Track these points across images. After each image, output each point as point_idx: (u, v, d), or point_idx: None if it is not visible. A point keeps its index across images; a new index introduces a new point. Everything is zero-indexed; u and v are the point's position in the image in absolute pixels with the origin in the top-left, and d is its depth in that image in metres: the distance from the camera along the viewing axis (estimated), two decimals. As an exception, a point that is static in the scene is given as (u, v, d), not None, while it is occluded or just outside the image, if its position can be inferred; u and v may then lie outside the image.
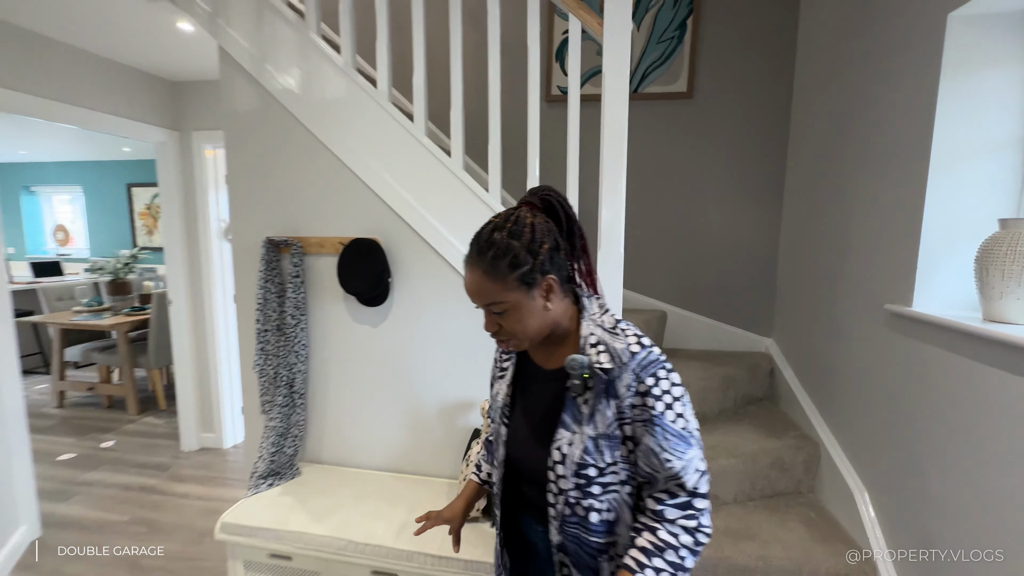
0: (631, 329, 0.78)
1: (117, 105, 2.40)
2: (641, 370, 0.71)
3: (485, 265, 0.72)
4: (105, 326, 3.41)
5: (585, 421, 0.73)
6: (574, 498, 0.73)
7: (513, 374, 0.86)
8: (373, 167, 1.62)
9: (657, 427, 0.69)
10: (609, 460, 0.72)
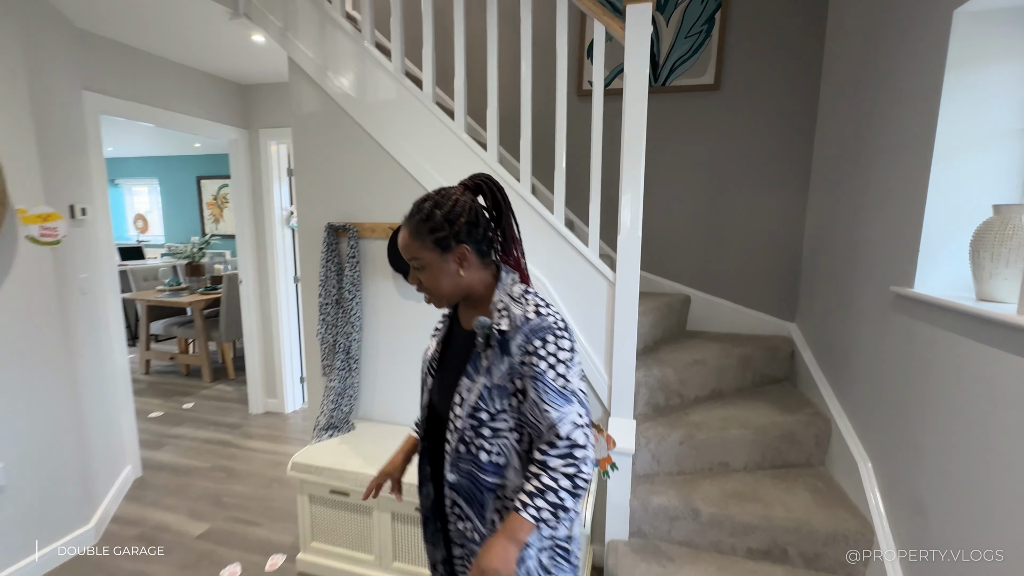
0: (535, 299, 0.88)
1: (198, 107, 2.74)
2: (531, 333, 0.83)
3: (411, 226, 0.87)
4: (183, 303, 3.84)
5: (483, 372, 0.85)
6: (468, 437, 0.87)
7: (444, 333, 0.99)
8: (418, 160, 1.83)
9: (539, 382, 0.81)
10: (499, 407, 0.85)
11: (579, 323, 1.74)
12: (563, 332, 0.85)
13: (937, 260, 1.37)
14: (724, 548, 1.63)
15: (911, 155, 1.43)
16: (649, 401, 1.91)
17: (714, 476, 1.79)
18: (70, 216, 1.95)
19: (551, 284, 1.75)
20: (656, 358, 2.01)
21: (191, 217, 6.54)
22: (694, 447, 1.78)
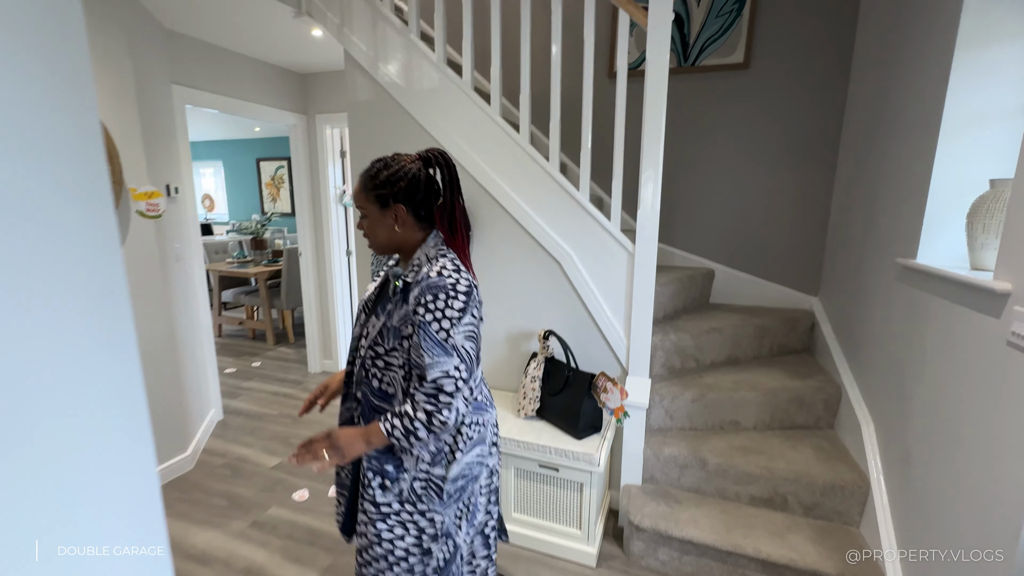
0: (445, 262, 1.00)
1: (264, 96, 3.04)
2: (427, 289, 0.96)
3: (362, 179, 1.03)
4: (249, 274, 4.27)
5: (386, 314, 1.02)
6: (367, 365, 1.06)
7: (381, 280, 1.11)
8: (458, 142, 2.03)
9: (422, 330, 0.95)
10: (391, 346, 1.01)
11: (601, 290, 1.91)
12: (457, 294, 0.95)
13: (939, 233, 1.45)
14: (728, 495, 1.80)
15: (921, 132, 1.50)
16: (666, 364, 2.07)
17: (724, 433, 1.95)
18: (167, 194, 2.30)
19: (576, 255, 1.93)
20: (675, 325, 2.17)
21: (251, 196, 7.06)
22: (705, 405, 1.94)
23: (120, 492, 0.53)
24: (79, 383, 0.48)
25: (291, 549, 1.84)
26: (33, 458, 0.44)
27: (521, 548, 1.83)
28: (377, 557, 1.06)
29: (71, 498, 0.47)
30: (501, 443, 1.77)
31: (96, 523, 0.50)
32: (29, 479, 0.44)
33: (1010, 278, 1.05)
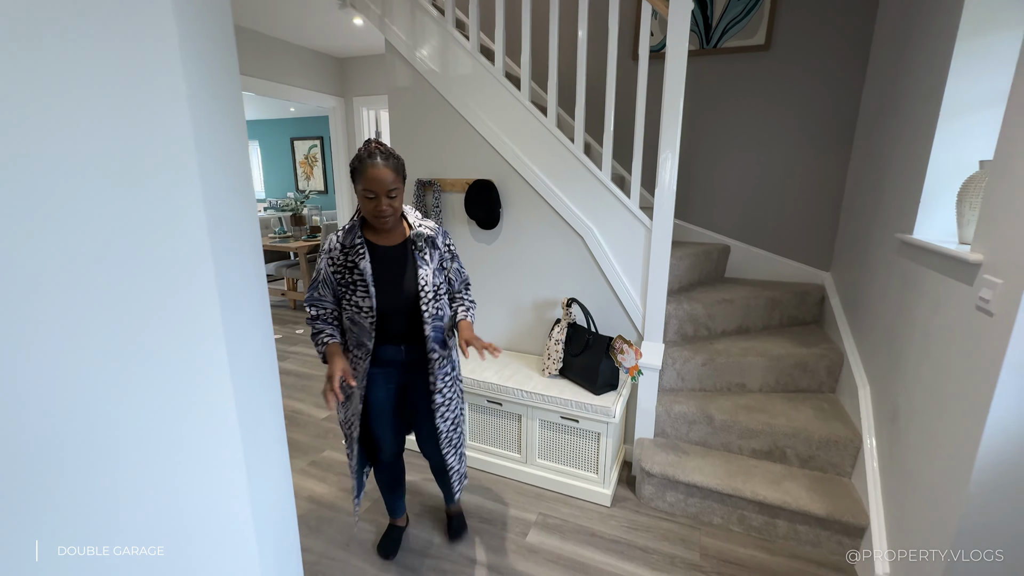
0: (423, 218, 1.46)
1: (306, 80, 3.26)
2: (443, 235, 1.48)
3: (393, 165, 1.30)
4: (290, 248, 4.58)
5: (429, 263, 1.41)
6: (434, 307, 1.41)
7: (368, 258, 1.34)
8: (490, 126, 2.20)
9: (457, 258, 1.53)
10: (440, 281, 1.45)
11: (620, 262, 2.09)
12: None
13: (935, 210, 1.58)
14: (732, 448, 2.00)
15: (923, 114, 1.61)
16: (679, 331, 2.25)
17: (730, 394, 2.13)
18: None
19: (598, 230, 2.10)
20: (688, 296, 2.33)
21: (286, 175, 7.38)
22: (714, 369, 2.12)
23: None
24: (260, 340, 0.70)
25: (344, 484, 2.13)
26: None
27: (544, 489, 2.08)
28: (453, 408, 1.54)
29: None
30: (527, 398, 2.00)
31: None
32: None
33: (983, 250, 1.19)
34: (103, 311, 0.45)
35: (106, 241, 0.45)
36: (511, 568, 1.67)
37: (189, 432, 0.53)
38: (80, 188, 0.42)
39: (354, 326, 1.40)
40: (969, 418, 1.17)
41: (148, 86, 0.46)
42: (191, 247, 0.50)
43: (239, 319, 0.59)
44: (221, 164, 0.56)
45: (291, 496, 0.78)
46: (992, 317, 1.12)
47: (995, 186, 1.19)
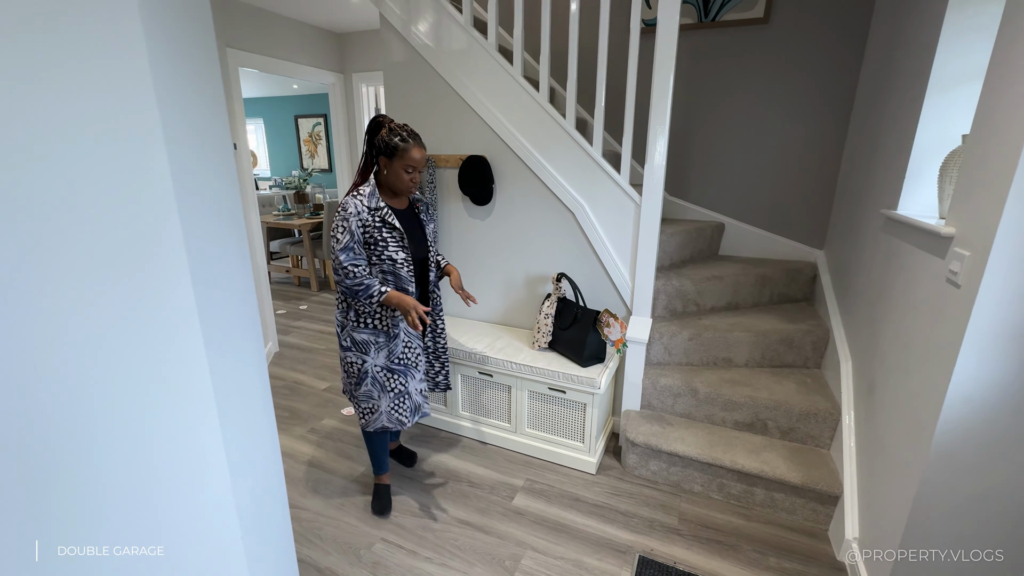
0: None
1: (306, 56, 3.26)
2: (428, 200, 1.96)
3: (422, 144, 1.59)
4: (294, 225, 4.64)
5: (428, 222, 1.76)
6: (434, 253, 1.78)
7: (393, 220, 1.59)
8: (483, 101, 2.21)
9: (436, 219, 1.94)
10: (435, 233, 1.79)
11: (609, 238, 2.12)
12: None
13: (920, 185, 1.58)
14: (715, 420, 2.05)
15: (912, 88, 1.60)
16: (668, 306, 2.28)
17: (716, 368, 2.18)
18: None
19: (588, 206, 2.13)
20: (679, 272, 2.36)
21: (291, 153, 7.39)
22: (701, 343, 2.16)
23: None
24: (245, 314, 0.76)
25: (342, 449, 2.22)
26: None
27: (532, 457, 2.16)
28: (444, 335, 1.92)
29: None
30: (517, 370, 2.06)
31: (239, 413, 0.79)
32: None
33: (956, 224, 1.21)
34: (89, 307, 0.49)
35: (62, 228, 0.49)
36: (496, 528, 1.75)
37: (171, 423, 0.58)
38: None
39: (390, 276, 1.62)
40: (933, 387, 1.20)
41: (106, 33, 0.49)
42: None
43: (215, 302, 0.64)
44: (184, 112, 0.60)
45: (282, 484, 0.84)
46: (959, 289, 1.15)
47: (970, 160, 1.20)
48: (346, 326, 1.66)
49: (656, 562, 1.60)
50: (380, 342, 1.65)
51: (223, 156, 0.73)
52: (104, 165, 0.49)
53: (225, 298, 0.65)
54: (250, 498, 0.72)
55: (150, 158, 0.51)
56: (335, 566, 1.59)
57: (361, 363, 1.66)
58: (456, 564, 1.60)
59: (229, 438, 0.62)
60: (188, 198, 0.58)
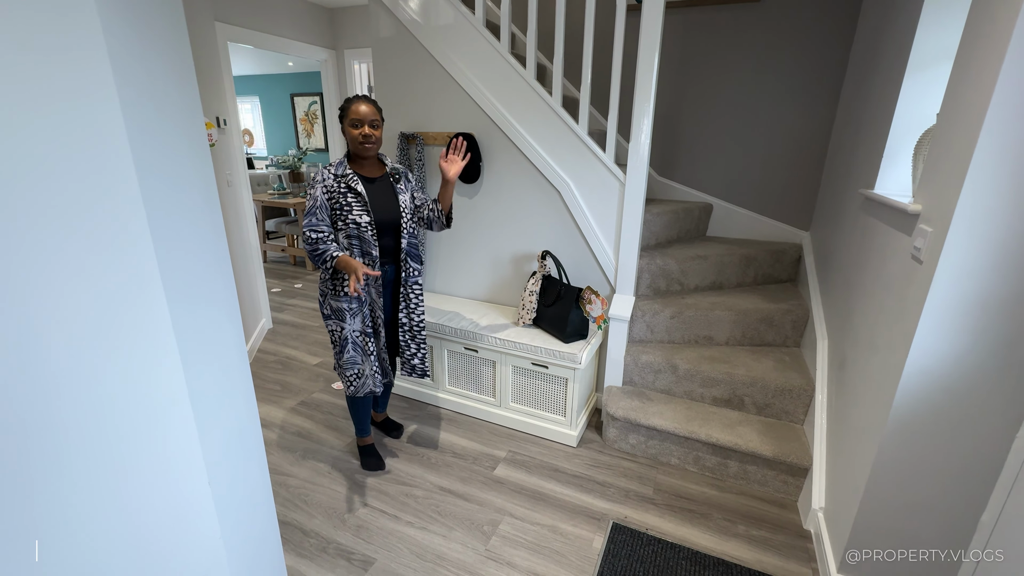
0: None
1: (297, 31, 3.23)
2: (406, 170, 1.83)
3: (373, 103, 1.65)
4: (289, 204, 4.65)
5: (405, 191, 1.76)
6: (411, 225, 1.76)
7: (359, 187, 1.63)
8: (471, 78, 2.21)
9: (420, 187, 1.98)
10: (414, 206, 1.81)
11: (594, 216, 2.14)
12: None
13: (896, 165, 1.59)
14: (694, 396, 2.10)
15: (894, 67, 1.60)
16: (651, 285, 2.31)
17: (697, 346, 2.22)
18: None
19: (574, 184, 2.14)
20: (664, 252, 2.38)
21: (287, 132, 7.34)
22: (683, 321, 2.20)
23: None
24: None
25: (331, 421, 2.28)
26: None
27: (515, 430, 2.21)
28: (421, 313, 1.86)
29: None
30: (501, 345, 2.10)
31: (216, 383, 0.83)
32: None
33: (923, 201, 1.23)
34: (74, 296, 0.52)
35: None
36: (476, 495, 1.81)
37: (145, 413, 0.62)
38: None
39: (355, 240, 1.66)
40: (894, 360, 1.24)
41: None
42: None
43: (176, 251, 0.66)
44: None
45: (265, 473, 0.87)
46: (922, 264, 1.18)
47: (938, 139, 1.21)
48: (327, 295, 1.73)
49: (629, 528, 1.66)
50: (354, 308, 1.71)
51: (188, 119, 0.74)
52: (58, 119, 0.52)
53: (188, 247, 0.68)
54: (220, 449, 0.76)
55: (105, 112, 0.54)
56: (320, 528, 1.66)
57: (340, 330, 1.73)
58: (436, 528, 1.66)
59: (195, 387, 0.66)
60: (148, 163, 0.60)
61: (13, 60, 0.47)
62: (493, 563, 1.53)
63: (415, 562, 1.53)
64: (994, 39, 1.01)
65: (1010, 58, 0.96)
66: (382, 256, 1.74)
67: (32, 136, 0.50)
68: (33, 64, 0.49)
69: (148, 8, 0.63)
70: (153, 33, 0.64)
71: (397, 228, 1.75)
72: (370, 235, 1.66)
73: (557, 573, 1.50)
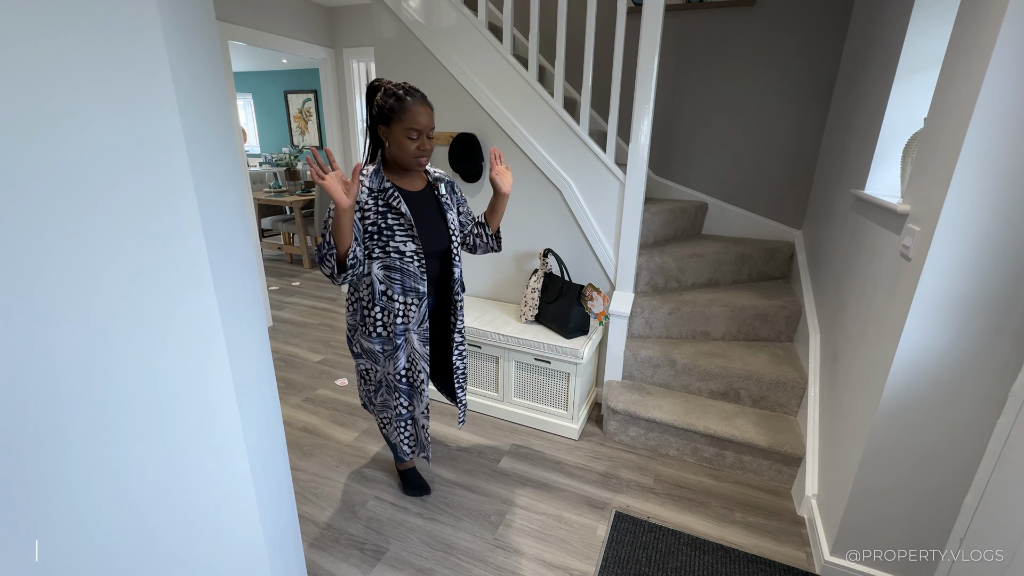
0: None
1: (296, 30, 3.24)
2: (453, 181, 1.53)
3: (431, 106, 1.32)
4: (285, 202, 4.65)
5: (453, 207, 1.50)
6: (456, 247, 1.48)
7: (399, 206, 1.32)
8: (473, 79, 2.25)
9: (467, 201, 1.64)
10: (461, 223, 1.56)
11: (595, 215, 2.19)
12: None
13: (886, 166, 1.66)
14: (692, 390, 2.16)
15: (884, 71, 1.67)
16: (650, 282, 2.38)
17: (694, 341, 2.28)
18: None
19: (575, 184, 2.19)
20: (661, 250, 2.45)
21: (281, 129, 7.31)
22: (680, 317, 2.26)
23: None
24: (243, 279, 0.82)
25: (336, 417, 2.32)
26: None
27: (518, 425, 2.27)
28: (465, 350, 1.66)
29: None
30: (504, 341, 2.15)
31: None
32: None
33: (912, 202, 1.30)
34: (96, 298, 0.56)
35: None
36: (483, 487, 1.87)
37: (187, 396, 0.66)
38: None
39: (396, 273, 1.37)
40: (884, 353, 1.31)
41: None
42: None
43: (223, 257, 0.71)
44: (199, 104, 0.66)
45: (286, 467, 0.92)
46: (910, 262, 1.24)
47: (925, 142, 1.28)
48: (357, 330, 1.49)
49: (631, 517, 1.72)
50: (388, 350, 1.46)
51: (225, 127, 0.78)
52: (126, 132, 0.56)
53: (231, 255, 0.72)
54: (257, 438, 0.80)
55: (166, 125, 0.58)
56: (332, 520, 1.70)
57: (375, 371, 1.52)
58: (445, 519, 1.71)
59: (238, 379, 0.70)
60: (201, 169, 0.64)
61: (89, 73, 0.51)
62: (501, 551, 1.58)
63: (426, 551, 1.58)
64: (979, 47, 1.08)
65: (994, 65, 1.03)
66: (431, 289, 1.46)
67: (101, 143, 0.54)
68: (108, 77, 0.53)
69: (194, 20, 0.67)
70: (199, 45, 0.68)
71: (446, 254, 1.46)
72: (416, 267, 1.37)
73: (563, 559, 1.55)
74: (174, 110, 0.58)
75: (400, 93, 1.28)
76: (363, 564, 1.53)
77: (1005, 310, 1.13)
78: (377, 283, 1.38)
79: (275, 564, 0.86)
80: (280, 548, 0.89)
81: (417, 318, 1.43)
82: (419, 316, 1.43)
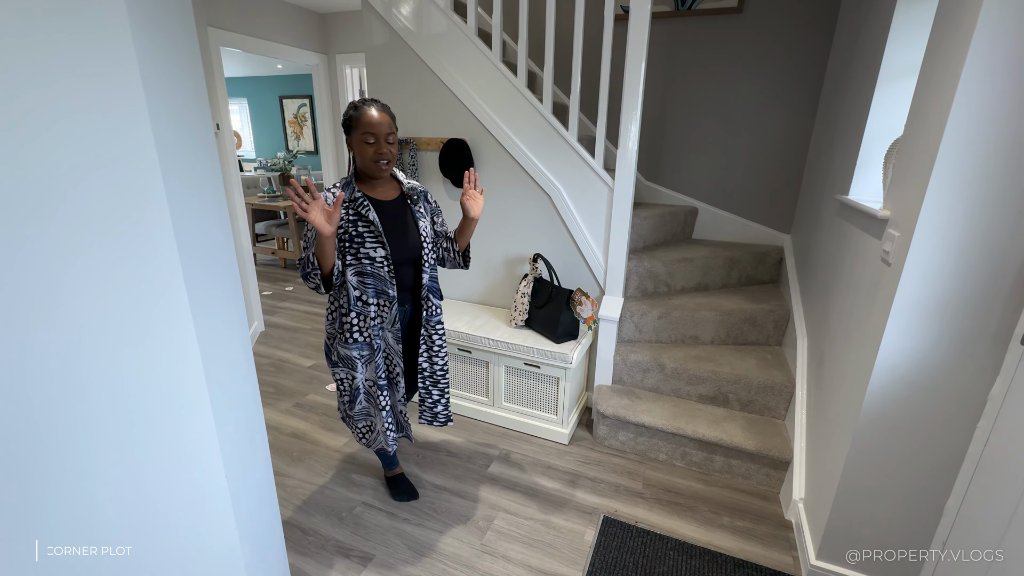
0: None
1: (289, 36, 3.26)
2: (425, 190, 1.56)
3: (388, 111, 1.38)
4: (279, 207, 4.65)
5: (426, 215, 1.53)
6: (432, 256, 1.53)
7: (369, 213, 1.36)
8: (463, 85, 2.26)
9: (440, 212, 1.60)
10: (434, 233, 1.58)
11: (584, 220, 2.20)
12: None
13: (869, 172, 1.68)
14: (681, 394, 2.17)
15: (867, 79, 1.69)
16: (639, 287, 2.39)
17: (684, 345, 2.29)
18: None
19: (564, 189, 2.20)
20: (651, 255, 2.46)
21: (276, 134, 7.32)
22: (670, 322, 2.27)
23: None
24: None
25: (326, 422, 2.31)
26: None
27: (508, 429, 2.26)
28: (444, 355, 1.64)
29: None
30: (494, 346, 2.15)
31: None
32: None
33: (892, 207, 1.31)
34: (87, 298, 0.56)
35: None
36: (471, 492, 1.86)
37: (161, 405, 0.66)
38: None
39: (368, 278, 1.42)
40: (866, 357, 1.32)
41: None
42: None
43: (198, 262, 0.71)
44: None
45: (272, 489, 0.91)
46: (890, 267, 1.26)
47: (904, 148, 1.29)
48: (335, 338, 1.51)
49: (619, 521, 1.72)
50: (366, 355, 1.49)
51: (204, 131, 0.79)
52: (94, 138, 0.56)
53: (207, 259, 0.72)
54: (234, 444, 0.80)
55: (135, 129, 0.58)
56: (318, 527, 1.69)
57: (351, 379, 1.53)
58: (432, 524, 1.71)
59: (212, 384, 0.70)
60: (173, 173, 0.65)
61: (56, 79, 0.52)
62: (488, 556, 1.58)
63: (412, 557, 1.57)
64: (952, 57, 1.10)
65: (966, 75, 1.04)
66: (399, 293, 1.50)
67: (68, 146, 0.54)
68: (74, 79, 0.53)
69: (169, 22, 0.67)
70: (173, 48, 0.68)
71: (418, 261, 1.51)
72: (386, 272, 1.42)
73: (550, 565, 1.55)
74: (144, 114, 0.58)
75: (357, 102, 1.37)
76: (349, 571, 1.53)
77: (983, 314, 1.14)
78: (351, 289, 1.43)
79: (253, 572, 0.86)
80: (259, 555, 0.89)
81: (390, 319, 1.50)
82: (391, 317, 1.50)
